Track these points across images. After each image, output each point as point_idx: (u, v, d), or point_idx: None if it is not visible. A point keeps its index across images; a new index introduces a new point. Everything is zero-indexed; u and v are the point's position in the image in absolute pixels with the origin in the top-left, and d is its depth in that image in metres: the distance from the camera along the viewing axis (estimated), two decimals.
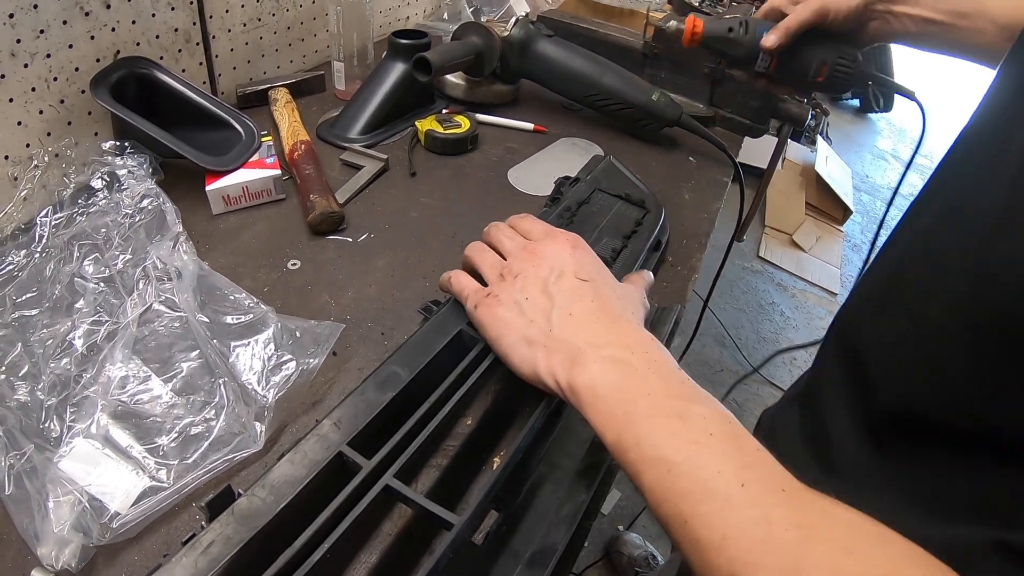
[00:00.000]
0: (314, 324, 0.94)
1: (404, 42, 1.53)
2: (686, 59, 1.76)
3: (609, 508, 2.60)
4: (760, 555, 0.44)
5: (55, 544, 0.69)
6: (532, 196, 1.42)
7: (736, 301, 3.90)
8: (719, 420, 0.54)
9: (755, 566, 0.44)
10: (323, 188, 1.24)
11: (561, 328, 0.68)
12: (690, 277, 1.26)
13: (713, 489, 0.48)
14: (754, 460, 0.50)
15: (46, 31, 1.12)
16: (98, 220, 1.04)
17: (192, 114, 1.32)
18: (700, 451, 0.51)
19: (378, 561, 0.74)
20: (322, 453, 0.69)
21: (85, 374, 0.85)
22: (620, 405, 0.58)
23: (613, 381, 0.61)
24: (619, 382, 0.60)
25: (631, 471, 0.57)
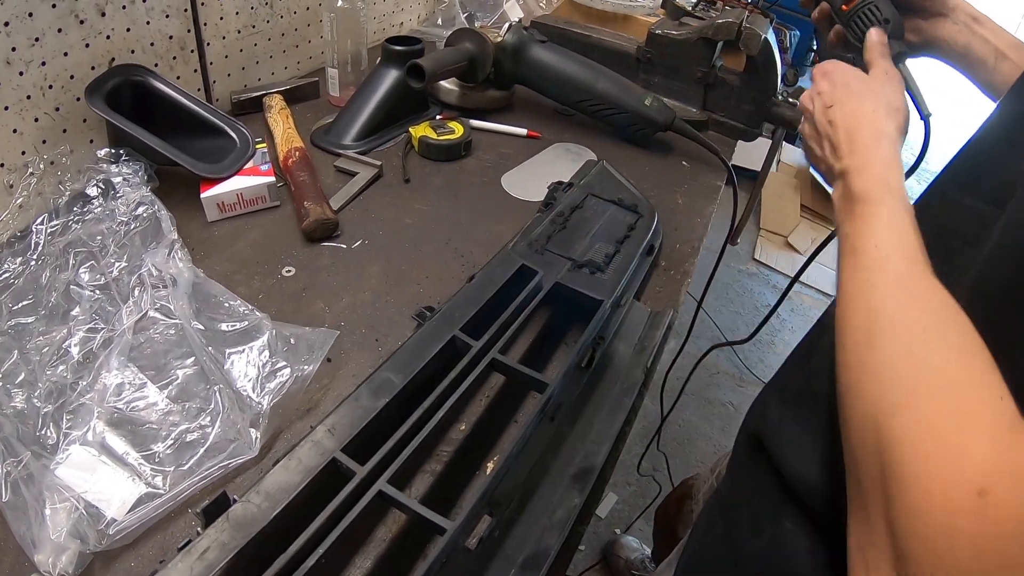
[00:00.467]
0: (308, 331, 0.95)
1: (397, 48, 1.54)
2: (679, 64, 1.77)
3: (606, 512, 2.60)
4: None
5: (52, 551, 0.69)
6: (526, 202, 1.42)
7: (731, 304, 3.90)
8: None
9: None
10: (317, 195, 1.24)
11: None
12: (683, 281, 1.27)
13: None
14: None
15: (41, 39, 1.13)
16: (93, 227, 1.05)
17: (187, 121, 1.33)
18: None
19: (373, 566, 0.75)
20: (316, 459, 0.69)
21: (81, 381, 0.85)
22: None
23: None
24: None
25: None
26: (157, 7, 1.32)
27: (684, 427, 2.99)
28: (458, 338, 0.88)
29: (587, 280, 1.06)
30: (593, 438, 0.89)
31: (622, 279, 1.07)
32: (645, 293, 1.22)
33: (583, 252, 1.12)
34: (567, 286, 1.03)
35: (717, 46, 1.71)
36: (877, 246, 0.61)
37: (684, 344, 2.03)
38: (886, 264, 0.59)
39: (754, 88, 1.70)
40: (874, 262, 0.60)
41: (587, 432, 0.89)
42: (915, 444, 0.45)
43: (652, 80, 1.83)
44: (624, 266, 1.11)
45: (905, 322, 0.53)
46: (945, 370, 0.48)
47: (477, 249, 1.25)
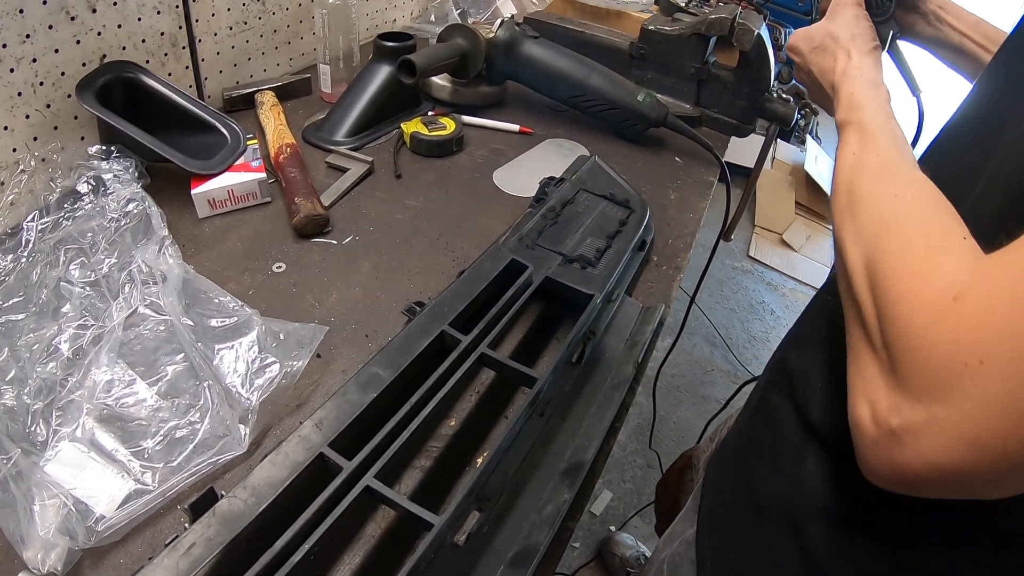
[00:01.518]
0: (298, 327, 0.94)
1: (389, 44, 1.54)
2: (672, 60, 1.77)
3: (601, 509, 2.60)
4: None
5: (41, 547, 0.69)
6: (517, 197, 1.42)
7: (726, 301, 3.90)
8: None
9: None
10: (308, 191, 1.24)
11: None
12: (675, 277, 1.27)
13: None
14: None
15: (32, 36, 1.12)
16: (84, 224, 1.04)
17: (178, 118, 1.32)
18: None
19: (362, 563, 0.75)
20: (303, 454, 0.69)
21: (71, 378, 0.85)
22: None
23: None
24: None
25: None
26: (148, 3, 1.32)
27: (678, 424, 2.99)
28: (447, 333, 0.88)
29: (578, 275, 1.06)
30: (583, 433, 0.89)
31: (613, 274, 1.07)
32: (637, 288, 1.22)
33: (574, 247, 1.12)
34: (557, 281, 1.03)
35: (710, 42, 1.71)
36: (866, 118, 0.76)
37: (676, 340, 2.03)
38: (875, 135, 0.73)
39: (747, 84, 1.69)
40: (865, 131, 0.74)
41: (577, 427, 0.89)
42: (897, 268, 0.54)
43: (645, 76, 1.83)
44: (615, 261, 1.11)
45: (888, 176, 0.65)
46: (918, 213, 0.58)
47: (468, 244, 1.25)
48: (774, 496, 0.85)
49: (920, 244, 0.54)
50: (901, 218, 0.58)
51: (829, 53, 0.97)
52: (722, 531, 0.97)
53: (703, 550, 1.01)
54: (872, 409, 0.52)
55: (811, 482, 0.80)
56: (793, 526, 0.82)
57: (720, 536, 0.97)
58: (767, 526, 0.86)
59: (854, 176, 0.68)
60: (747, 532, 0.90)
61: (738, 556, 0.92)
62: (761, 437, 0.92)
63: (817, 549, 0.79)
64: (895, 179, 0.64)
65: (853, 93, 0.84)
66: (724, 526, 0.97)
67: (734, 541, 0.94)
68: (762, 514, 0.87)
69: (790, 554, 0.82)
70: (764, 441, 0.91)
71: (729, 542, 0.95)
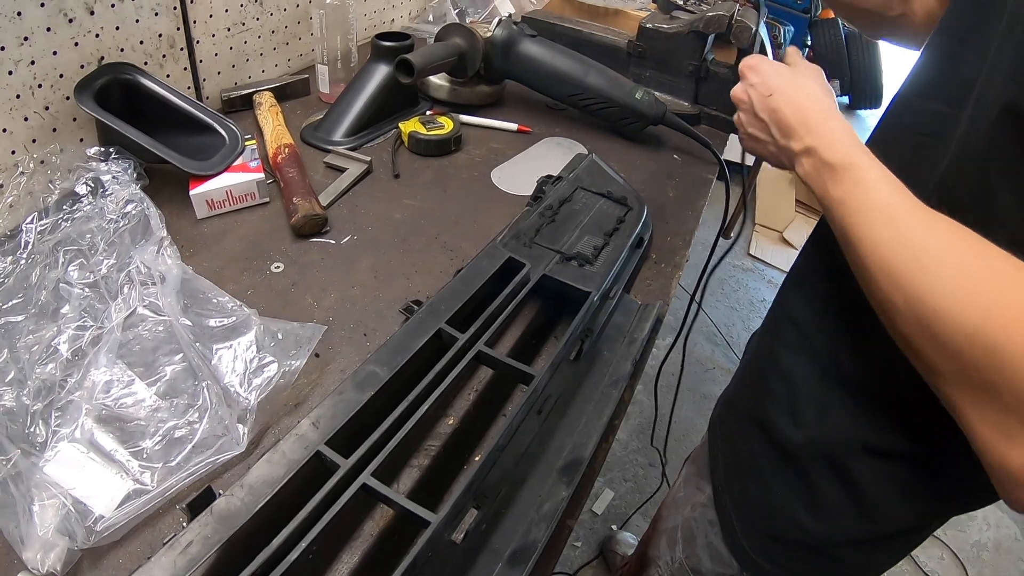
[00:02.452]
0: (296, 326, 0.95)
1: (387, 44, 1.54)
2: (670, 57, 1.77)
3: (603, 508, 2.60)
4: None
5: (40, 547, 0.70)
6: (516, 196, 1.42)
7: (727, 299, 3.90)
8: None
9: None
10: (306, 191, 1.24)
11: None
12: (674, 274, 1.27)
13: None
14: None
15: (30, 38, 1.13)
16: (83, 226, 1.05)
17: (176, 119, 1.33)
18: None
19: (360, 561, 0.75)
20: (300, 453, 0.69)
21: (70, 379, 0.85)
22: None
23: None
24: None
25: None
26: (146, 5, 1.32)
27: (679, 423, 2.99)
28: (444, 331, 0.88)
29: (575, 272, 1.06)
30: (582, 430, 0.89)
31: (610, 272, 1.07)
32: (636, 286, 1.22)
33: (571, 245, 1.12)
34: (555, 278, 1.03)
35: (708, 39, 1.71)
36: (884, 198, 0.69)
37: (676, 339, 2.03)
38: (901, 208, 0.67)
39: None
40: (891, 209, 0.67)
41: (575, 425, 0.90)
42: (1015, 335, 0.55)
43: (643, 74, 1.84)
44: (613, 259, 1.11)
45: (947, 247, 0.62)
46: (1002, 273, 0.58)
47: (466, 243, 1.25)
48: (805, 443, 0.93)
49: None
50: (996, 292, 0.58)
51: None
52: (745, 484, 1.05)
53: (724, 508, 1.09)
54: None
55: (847, 427, 0.89)
56: (834, 467, 0.91)
57: (744, 490, 1.05)
58: (801, 471, 0.95)
59: (910, 240, 0.65)
60: (778, 480, 0.99)
61: (769, 503, 1.00)
62: (776, 392, 0.99)
63: (861, 482, 0.89)
64: (950, 236, 0.64)
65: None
66: (748, 479, 1.04)
67: (762, 491, 1.01)
68: (793, 461, 0.95)
69: (831, 490, 0.92)
70: (780, 396, 0.98)
71: (757, 493, 1.02)
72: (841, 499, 0.91)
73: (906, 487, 0.87)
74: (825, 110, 0.83)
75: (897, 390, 0.82)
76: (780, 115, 0.86)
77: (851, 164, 0.73)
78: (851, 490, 0.90)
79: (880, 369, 0.84)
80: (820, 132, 0.80)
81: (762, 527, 1.02)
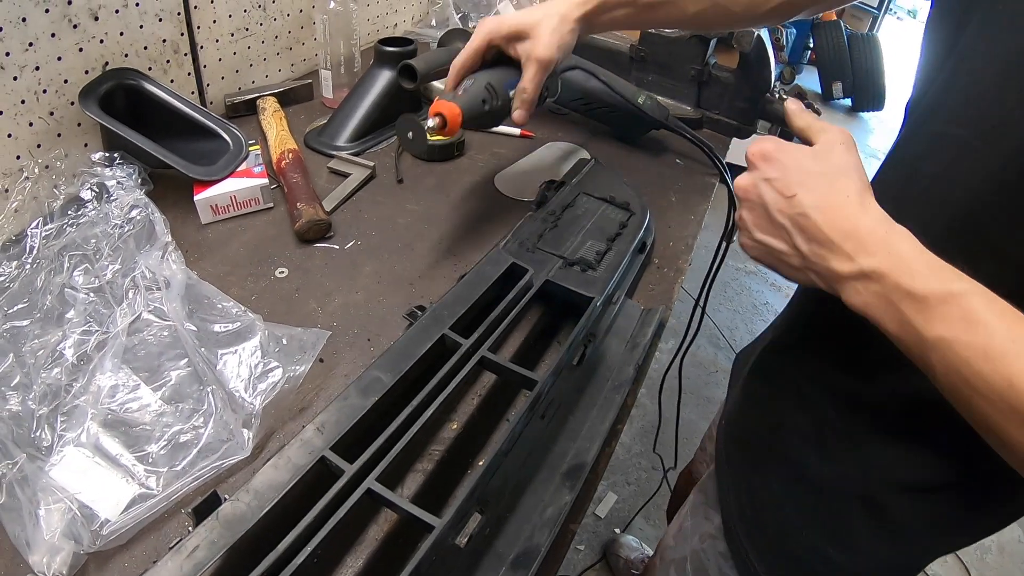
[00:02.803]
0: (300, 331, 0.95)
1: (390, 49, 1.54)
2: (673, 62, 1.77)
3: (606, 511, 2.60)
4: None
5: (47, 552, 0.70)
6: (519, 201, 1.43)
7: (730, 302, 3.91)
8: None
9: None
10: (310, 196, 1.25)
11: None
12: (677, 279, 1.28)
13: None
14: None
15: (35, 44, 1.13)
16: (88, 231, 1.05)
17: (180, 124, 1.33)
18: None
19: (364, 565, 0.75)
20: (305, 458, 0.70)
21: (75, 383, 0.86)
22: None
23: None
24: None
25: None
26: (151, 11, 1.33)
27: (683, 426, 2.99)
28: (448, 337, 0.89)
29: (578, 278, 1.06)
30: (585, 435, 0.89)
31: (613, 277, 1.08)
32: (639, 291, 1.22)
33: (574, 250, 1.13)
34: (558, 284, 1.04)
35: (710, 43, 1.71)
36: (1007, 337, 0.57)
37: (681, 342, 2.03)
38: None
39: (748, 85, 1.70)
40: (1019, 353, 0.56)
41: (578, 429, 0.90)
42: None
43: (645, 78, 1.84)
44: (615, 264, 1.11)
45: None
46: None
47: (470, 248, 1.26)
48: (836, 479, 0.85)
49: None
50: None
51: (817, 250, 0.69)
52: (763, 521, 0.96)
53: (738, 542, 1.00)
54: None
55: (881, 462, 0.81)
56: (869, 505, 0.83)
57: (762, 527, 0.96)
58: (832, 509, 0.87)
59: None
60: (804, 517, 0.90)
61: (792, 540, 0.92)
62: (800, 426, 0.90)
63: (898, 519, 0.81)
64: None
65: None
66: (767, 516, 0.95)
67: (783, 528, 0.93)
68: (822, 498, 0.87)
69: (865, 529, 0.84)
70: (805, 429, 0.89)
71: (777, 529, 0.94)
72: (875, 535, 0.84)
73: (945, 521, 0.82)
74: (876, 217, 0.66)
75: (931, 421, 0.74)
76: (810, 223, 0.68)
77: (949, 294, 0.59)
78: (887, 527, 0.83)
79: (907, 396, 0.76)
80: (882, 250, 0.63)
81: (784, 564, 0.94)
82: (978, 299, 0.58)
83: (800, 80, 4.86)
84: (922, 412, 0.75)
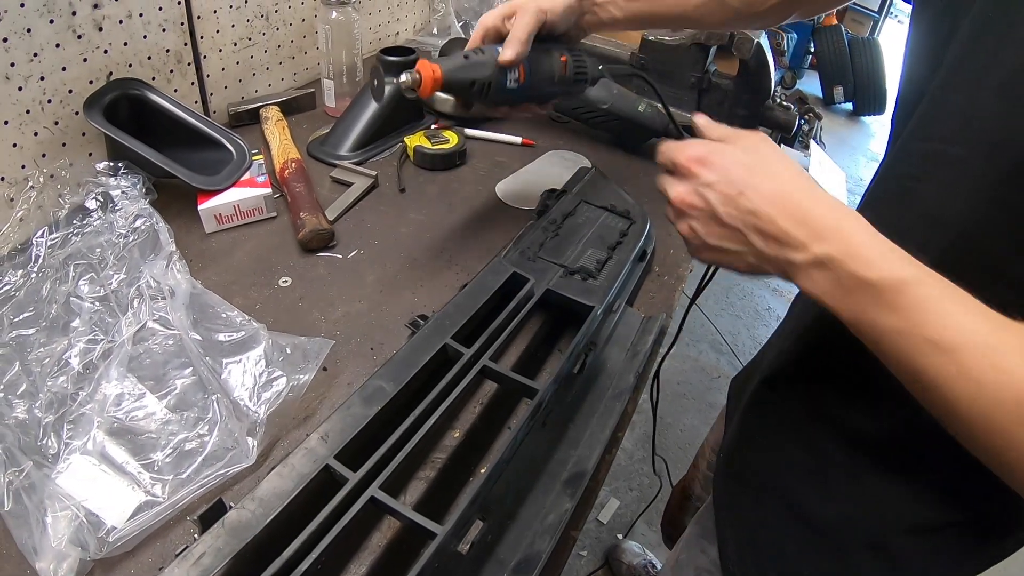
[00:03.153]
0: (304, 340, 0.96)
1: (391, 59, 1.55)
2: (673, 69, 1.78)
3: (608, 517, 2.60)
4: None
5: (53, 558, 0.71)
6: (520, 209, 1.44)
7: (732, 307, 3.91)
8: None
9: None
10: (313, 205, 1.26)
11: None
12: (677, 287, 1.28)
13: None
14: None
15: (40, 54, 1.14)
16: (93, 240, 1.06)
17: (184, 134, 1.34)
18: None
19: (368, 572, 0.76)
20: (309, 466, 0.71)
21: (81, 392, 0.87)
22: None
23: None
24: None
25: None
26: (154, 21, 1.34)
27: (685, 432, 3.00)
28: (449, 346, 0.89)
29: (579, 287, 1.07)
30: (585, 443, 0.90)
31: (614, 285, 1.08)
32: (639, 299, 1.23)
33: (575, 259, 1.13)
34: (558, 293, 1.04)
35: (710, 51, 1.72)
36: (958, 329, 0.56)
37: (672, 346, 2.04)
38: (978, 340, 0.56)
39: (748, 93, 1.71)
40: (970, 347, 0.56)
41: (579, 437, 0.91)
42: None
43: (646, 86, 1.85)
44: (616, 272, 1.12)
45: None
46: None
47: (471, 257, 1.27)
48: (839, 520, 0.83)
49: None
50: None
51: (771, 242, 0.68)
52: (762, 563, 0.93)
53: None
54: None
55: (884, 500, 0.80)
56: (874, 546, 0.81)
57: (760, 568, 0.93)
58: (834, 549, 0.85)
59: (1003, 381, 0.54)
60: (806, 559, 0.88)
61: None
62: (799, 463, 0.88)
63: (903, 558, 0.80)
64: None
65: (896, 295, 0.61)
66: (766, 557, 0.93)
67: (784, 569, 0.90)
68: (824, 538, 0.85)
69: (869, 569, 0.82)
70: (805, 468, 0.87)
71: (782, 569, 0.91)
72: (880, 574, 0.82)
73: (952, 556, 0.80)
74: (827, 204, 0.66)
75: (932, 455, 0.74)
76: (762, 218, 0.67)
77: (901, 282, 0.59)
78: (892, 566, 0.81)
79: (910, 434, 0.75)
80: (835, 235, 0.63)
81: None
82: (932, 288, 0.58)
83: (801, 84, 4.87)
84: (925, 448, 0.73)
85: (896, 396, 0.65)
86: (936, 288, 0.58)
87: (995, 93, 0.63)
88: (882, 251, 0.61)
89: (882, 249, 0.61)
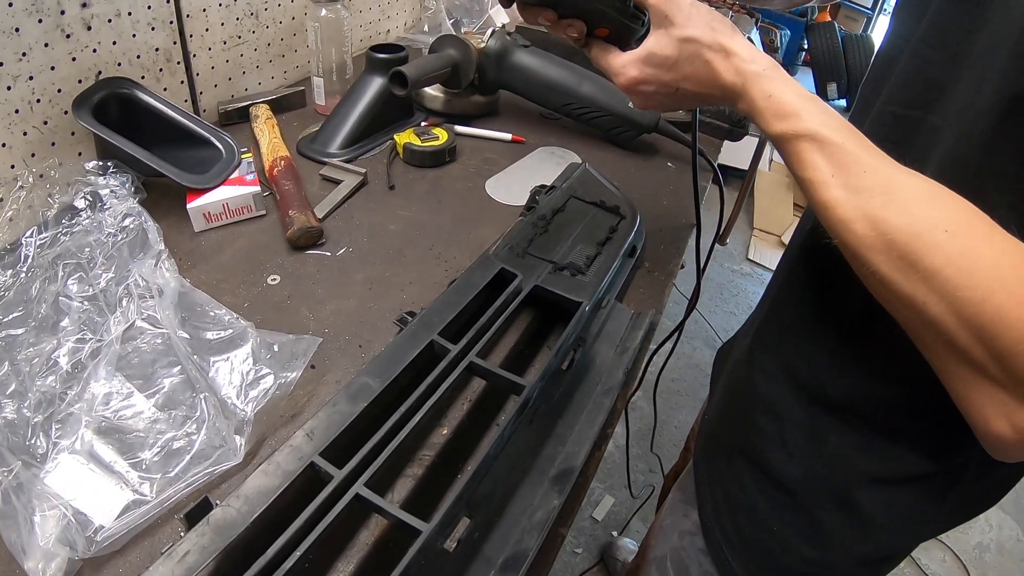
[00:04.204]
0: (292, 338, 0.96)
1: (381, 56, 1.55)
2: None
3: (603, 514, 2.61)
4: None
5: (42, 558, 0.71)
6: (510, 206, 1.44)
7: (726, 304, 3.92)
8: None
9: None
10: (302, 203, 1.26)
11: None
12: (667, 283, 1.28)
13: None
14: None
15: (28, 54, 1.14)
16: (82, 239, 1.06)
17: (173, 133, 1.34)
18: None
19: (355, 570, 0.76)
20: (295, 463, 0.71)
21: (70, 391, 0.86)
22: None
23: None
24: None
25: None
26: (143, 20, 1.34)
27: (680, 428, 3.00)
28: (436, 342, 0.89)
29: (567, 283, 1.07)
30: (573, 440, 0.90)
31: (603, 281, 1.09)
32: (629, 295, 1.23)
33: (564, 255, 1.14)
34: (547, 289, 1.05)
35: None
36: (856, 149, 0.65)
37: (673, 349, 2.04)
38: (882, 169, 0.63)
39: None
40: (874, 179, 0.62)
41: (567, 434, 0.91)
42: (1010, 316, 0.54)
43: None
44: (605, 268, 1.12)
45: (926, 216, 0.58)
46: (999, 256, 0.56)
47: (461, 254, 1.27)
48: (803, 477, 0.88)
49: (1014, 284, 0.55)
50: (975, 260, 0.56)
51: (698, 59, 0.81)
52: (738, 522, 0.98)
53: (716, 543, 1.02)
54: (1011, 422, 0.57)
55: (846, 456, 0.84)
56: (838, 500, 0.86)
57: (737, 527, 0.99)
58: (801, 506, 0.89)
59: (871, 213, 0.60)
60: (776, 516, 0.93)
61: (766, 539, 0.94)
62: (763, 426, 0.93)
63: (867, 512, 0.84)
64: (921, 207, 0.59)
65: (771, 95, 0.73)
66: (741, 517, 0.98)
67: (757, 528, 0.95)
68: (791, 496, 0.90)
69: (835, 522, 0.87)
70: (768, 430, 0.92)
71: (752, 530, 0.96)
72: (847, 529, 0.87)
73: (915, 511, 0.85)
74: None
75: (892, 411, 0.79)
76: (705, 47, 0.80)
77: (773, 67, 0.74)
78: (857, 520, 0.86)
79: (870, 390, 0.80)
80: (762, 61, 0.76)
81: (761, 562, 0.97)
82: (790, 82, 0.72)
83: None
84: (878, 406, 0.80)
85: (853, 355, 0.73)
86: (807, 101, 0.71)
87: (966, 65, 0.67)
88: (771, 76, 0.75)
89: (769, 71, 0.75)
